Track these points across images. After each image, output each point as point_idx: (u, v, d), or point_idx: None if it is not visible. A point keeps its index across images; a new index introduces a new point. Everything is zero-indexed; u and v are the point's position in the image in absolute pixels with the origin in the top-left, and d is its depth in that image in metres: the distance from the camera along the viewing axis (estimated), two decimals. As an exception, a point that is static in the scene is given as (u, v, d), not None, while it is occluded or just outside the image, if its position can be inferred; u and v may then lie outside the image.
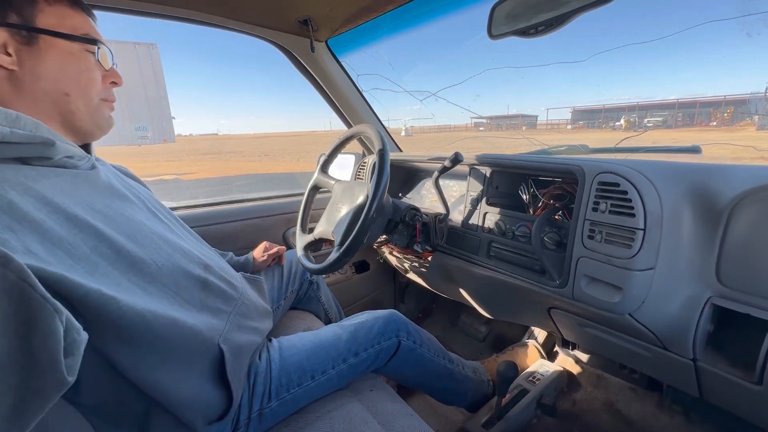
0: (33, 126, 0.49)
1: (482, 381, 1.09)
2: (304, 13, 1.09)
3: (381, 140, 0.89)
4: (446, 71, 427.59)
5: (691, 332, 0.67)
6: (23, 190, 0.46)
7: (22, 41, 0.52)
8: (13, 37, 0.51)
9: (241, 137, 67.06)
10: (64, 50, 0.55)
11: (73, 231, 0.48)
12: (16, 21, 0.51)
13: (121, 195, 0.61)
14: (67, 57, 0.55)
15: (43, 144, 0.50)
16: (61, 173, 0.53)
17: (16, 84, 0.52)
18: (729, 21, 5.01)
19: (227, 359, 0.62)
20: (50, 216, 0.47)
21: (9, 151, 0.47)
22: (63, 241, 0.46)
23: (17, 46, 0.52)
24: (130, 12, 0.97)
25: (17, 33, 0.51)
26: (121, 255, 0.52)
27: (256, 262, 1.03)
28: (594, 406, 1.12)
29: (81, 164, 0.56)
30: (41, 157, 0.50)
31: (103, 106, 0.60)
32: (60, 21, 0.55)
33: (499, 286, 0.95)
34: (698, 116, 38.82)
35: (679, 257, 0.66)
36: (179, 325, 0.56)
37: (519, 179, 0.95)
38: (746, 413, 0.73)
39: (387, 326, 0.86)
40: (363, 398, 0.78)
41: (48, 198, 0.48)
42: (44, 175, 0.50)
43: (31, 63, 0.52)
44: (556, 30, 0.65)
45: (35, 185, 0.48)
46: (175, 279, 0.59)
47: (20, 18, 0.52)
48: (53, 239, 0.45)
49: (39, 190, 0.48)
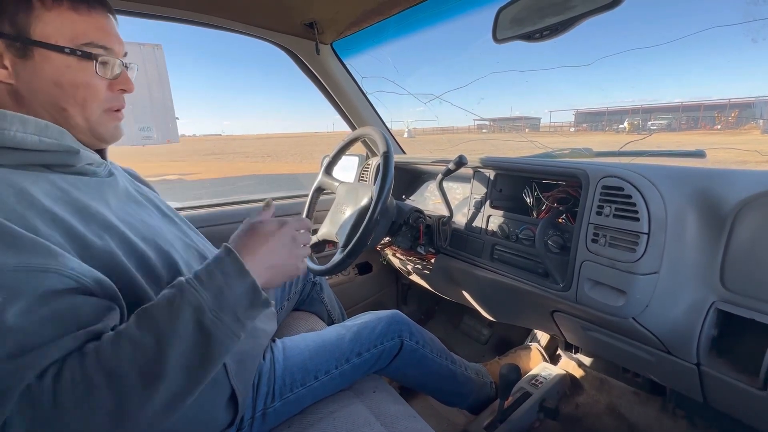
0: (58, 134, 0.50)
1: (485, 383, 1.09)
2: (309, 16, 1.09)
3: (385, 142, 0.89)
4: (450, 74, 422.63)
5: (695, 337, 0.67)
6: (51, 194, 0.47)
7: (17, 54, 0.49)
8: (8, 48, 0.48)
9: (244, 138, 67.30)
10: (60, 64, 0.50)
11: (105, 236, 0.49)
12: (10, 31, 0.48)
13: (137, 200, 0.62)
14: (64, 71, 0.51)
15: (68, 152, 0.51)
16: (87, 181, 0.54)
17: (16, 97, 0.50)
18: (734, 26, 4.98)
19: (230, 368, 0.62)
20: (79, 219, 0.48)
21: (36, 158, 0.48)
22: (94, 244, 0.48)
23: (13, 58, 0.49)
24: (137, 14, 0.98)
25: (12, 45, 0.48)
26: (144, 261, 0.53)
27: None
28: (597, 410, 1.12)
29: (99, 171, 0.57)
30: (65, 164, 0.51)
31: (106, 118, 0.56)
32: (59, 29, 0.50)
33: (502, 289, 0.95)
34: (703, 119, 38.63)
35: (684, 261, 0.66)
36: None
37: (523, 182, 0.95)
38: (750, 418, 0.72)
39: (390, 327, 0.87)
40: (366, 399, 0.78)
41: (81, 203, 0.50)
42: (71, 183, 0.51)
43: (26, 76, 0.50)
44: (561, 35, 0.65)
45: (69, 190, 0.50)
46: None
47: (14, 28, 0.48)
48: (86, 243, 0.47)
49: (72, 196, 0.49)
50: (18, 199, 0.44)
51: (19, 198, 0.44)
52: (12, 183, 0.45)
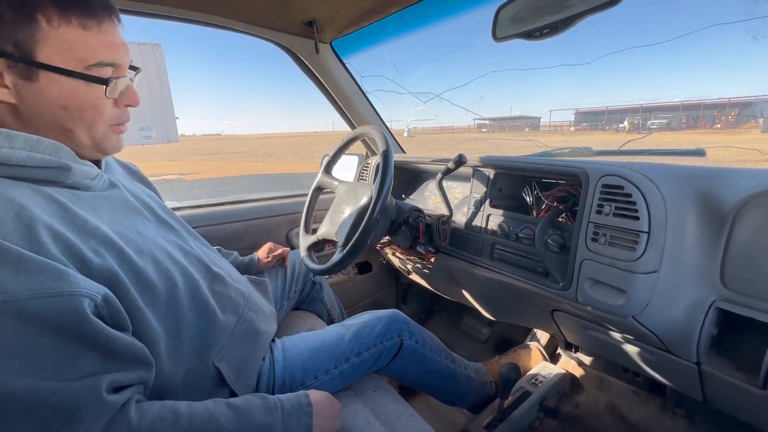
0: (53, 149, 0.48)
1: (485, 382, 1.09)
2: (309, 14, 1.09)
3: (385, 141, 0.89)
4: (450, 73, 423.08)
5: (695, 336, 0.67)
6: (49, 209, 0.46)
7: (21, 75, 0.46)
8: (10, 69, 0.46)
9: (244, 137, 67.29)
10: (68, 87, 0.48)
11: (103, 252, 0.49)
12: (13, 51, 0.45)
13: (132, 209, 0.61)
14: (72, 94, 0.49)
15: (59, 168, 0.49)
16: (81, 195, 0.53)
17: (18, 117, 0.49)
18: (735, 24, 4.98)
19: (229, 374, 0.63)
20: (77, 235, 0.47)
21: (25, 173, 0.47)
22: (93, 262, 0.47)
23: (15, 79, 0.46)
24: (136, 13, 0.98)
25: (15, 65, 0.45)
26: (141, 277, 0.53)
27: (261, 263, 1.03)
28: (597, 409, 1.11)
29: (94, 184, 0.55)
30: (56, 181, 0.50)
31: (111, 133, 0.55)
32: (66, 50, 0.47)
33: (502, 288, 0.95)
34: (702, 118, 38.62)
35: (684, 260, 0.66)
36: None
37: (523, 181, 0.95)
38: (750, 417, 0.72)
39: (390, 326, 0.86)
40: (366, 399, 0.78)
41: (80, 218, 0.49)
42: (67, 196, 0.50)
43: (30, 98, 0.47)
44: (560, 33, 0.65)
45: (66, 205, 0.48)
46: (188, 300, 0.60)
47: (17, 48, 0.45)
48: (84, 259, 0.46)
49: (70, 210, 0.48)
50: (18, 217, 0.42)
51: (19, 215, 0.43)
52: (9, 199, 0.43)
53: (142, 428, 0.45)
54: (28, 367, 0.39)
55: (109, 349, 0.44)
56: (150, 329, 0.52)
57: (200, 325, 0.61)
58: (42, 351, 0.40)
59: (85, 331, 0.42)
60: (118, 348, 0.45)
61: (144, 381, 0.49)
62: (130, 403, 0.45)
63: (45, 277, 0.40)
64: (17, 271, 0.39)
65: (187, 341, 0.58)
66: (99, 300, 0.44)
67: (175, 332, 0.57)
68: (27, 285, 0.39)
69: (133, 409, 0.45)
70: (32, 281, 0.39)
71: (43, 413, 0.39)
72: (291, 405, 0.58)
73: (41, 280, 0.40)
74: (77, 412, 0.40)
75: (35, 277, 0.40)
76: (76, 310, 0.41)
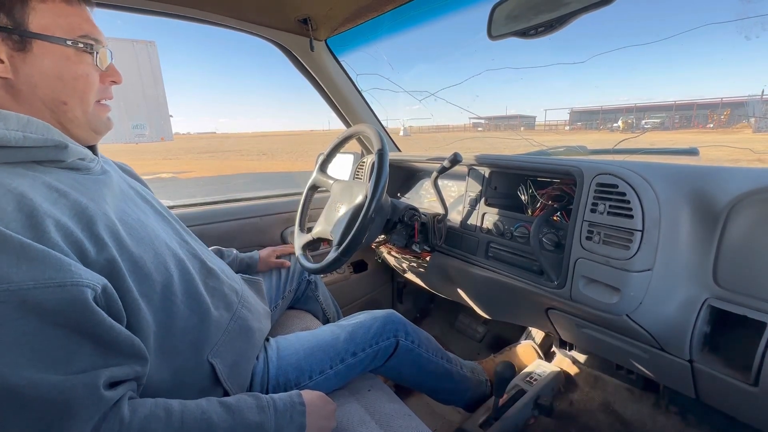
0: (44, 129, 0.48)
1: (480, 381, 1.09)
2: (303, 12, 1.09)
3: (380, 140, 0.89)
4: (445, 71, 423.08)
5: (687, 333, 0.68)
6: (50, 197, 0.46)
7: (15, 47, 0.48)
8: (4, 42, 0.47)
9: (239, 136, 66.92)
10: (60, 55, 0.51)
11: (103, 241, 0.49)
12: (7, 24, 0.47)
13: (132, 198, 0.61)
14: (64, 62, 0.51)
15: (55, 147, 0.49)
16: (82, 180, 0.53)
17: (12, 92, 0.49)
18: (727, 24, 5.03)
19: (222, 371, 0.62)
20: (77, 223, 0.47)
21: (22, 155, 0.47)
22: (92, 251, 0.47)
23: (10, 52, 0.48)
24: (129, 9, 0.97)
25: (8, 38, 0.48)
26: (138, 266, 0.52)
27: (263, 261, 1.04)
28: (591, 407, 1.12)
29: (92, 166, 0.56)
30: (54, 160, 0.50)
31: (99, 109, 0.57)
32: (55, 20, 0.50)
33: (497, 287, 0.95)
34: (695, 118, 38.96)
35: (677, 259, 0.67)
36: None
37: (518, 180, 0.95)
38: (742, 414, 0.73)
39: (385, 326, 0.86)
40: (361, 398, 0.78)
41: (81, 205, 0.48)
42: (68, 184, 0.50)
43: (25, 71, 0.49)
44: (556, 31, 0.65)
45: (67, 192, 0.48)
46: (182, 291, 0.60)
47: (11, 20, 0.47)
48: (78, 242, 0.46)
49: (71, 198, 0.48)
50: (19, 206, 0.42)
51: (20, 204, 0.42)
52: (10, 188, 0.43)
53: (134, 425, 0.44)
54: (29, 359, 0.38)
55: (108, 342, 0.44)
56: (142, 321, 0.51)
57: (193, 319, 0.60)
58: (43, 343, 0.39)
59: (87, 322, 0.42)
60: (117, 341, 0.45)
61: (139, 376, 0.49)
62: (123, 400, 0.45)
63: (47, 266, 0.40)
64: (19, 260, 0.39)
65: (180, 335, 0.58)
66: (99, 291, 0.44)
67: (167, 325, 0.56)
68: (29, 274, 0.38)
69: (125, 405, 0.45)
70: (34, 271, 0.39)
71: (39, 408, 0.38)
72: (284, 404, 0.58)
73: (43, 269, 0.39)
74: (73, 408, 0.40)
75: (37, 266, 0.39)
76: (78, 301, 0.41)
